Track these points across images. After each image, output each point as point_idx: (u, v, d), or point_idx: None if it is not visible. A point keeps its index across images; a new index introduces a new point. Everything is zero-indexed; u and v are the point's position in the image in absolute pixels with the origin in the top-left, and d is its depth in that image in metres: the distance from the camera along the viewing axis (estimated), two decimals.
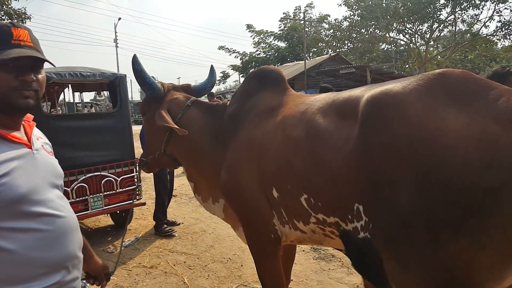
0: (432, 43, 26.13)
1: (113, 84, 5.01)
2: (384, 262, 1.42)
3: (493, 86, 1.27)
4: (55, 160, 1.33)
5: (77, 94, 7.97)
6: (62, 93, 8.01)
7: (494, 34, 23.62)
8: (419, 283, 1.33)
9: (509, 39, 23.32)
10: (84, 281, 1.52)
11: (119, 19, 43.66)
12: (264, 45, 31.81)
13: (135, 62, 2.44)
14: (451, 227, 1.21)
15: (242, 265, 3.92)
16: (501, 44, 25.54)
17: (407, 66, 27.09)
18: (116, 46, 44.36)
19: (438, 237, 1.24)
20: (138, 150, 5.09)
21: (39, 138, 1.32)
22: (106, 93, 8.44)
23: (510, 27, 22.21)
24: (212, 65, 2.96)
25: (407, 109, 1.33)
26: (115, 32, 44.55)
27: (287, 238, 2.07)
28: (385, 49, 30.19)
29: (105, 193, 4.47)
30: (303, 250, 4.22)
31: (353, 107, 1.56)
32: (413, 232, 1.28)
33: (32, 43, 1.17)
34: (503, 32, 22.86)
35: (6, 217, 1.07)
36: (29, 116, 1.30)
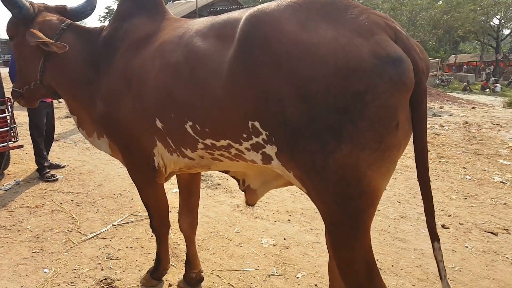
0: None
1: None
2: (291, 170, 1.51)
3: (355, 5, 1.40)
4: None
5: None
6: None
7: None
8: (321, 190, 1.44)
9: None
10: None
11: None
12: None
13: None
14: (334, 135, 1.32)
15: (132, 199, 4.12)
16: None
17: None
18: None
19: (326, 145, 1.34)
20: (9, 91, 4.72)
21: None
22: None
23: None
24: None
25: (283, 26, 1.39)
26: None
27: (176, 165, 2.05)
28: None
29: None
30: None
31: (233, 28, 1.56)
32: (307, 142, 1.37)
33: None
34: None
35: None
36: None
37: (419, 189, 1.49)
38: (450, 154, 6.24)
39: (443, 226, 3.57)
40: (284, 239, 3.31)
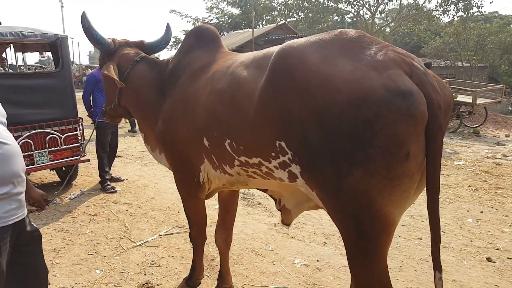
0: (378, 15, 26.95)
1: (54, 44, 5.12)
2: (314, 189, 1.63)
3: (377, 42, 1.53)
4: None
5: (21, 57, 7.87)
6: (4, 54, 7.84)
7: (435, 9, 24.69)
8: (337, 211, 1.55)
9: (447, 15, 24.64)
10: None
11: None
12: (217, 11, 31.31)
13: (83, 19, 2.58)
14: (346, 159, 1.42)
15: (179, 212, 4.43)
16: (442, 19, 26.96)
17: None
18: (62, 6, 41.70)
19: (339, 168, 1.45)
20: (82, 111, 5.35)
21: None
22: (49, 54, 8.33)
23: (448, 3, 23.43)
24: (168, 23, 3.06)
25: (307, 59, 1.55)
26: None
27: (219, 181, 2.25)
28: (337, 20, 30.61)
29: (49, 149, 4.72)
30: None
31: (268, 59, 1.74)
32: (323, 164, 1.49)
33: None
34: (442, 8, 24.07)
35: None
36: None
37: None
38: (509, 185, 5.86)
39: (488, 260, 3.41)
40: (317, 260, 3.37)
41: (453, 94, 10.71)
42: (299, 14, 26.64)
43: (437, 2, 24.30)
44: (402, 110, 1.34)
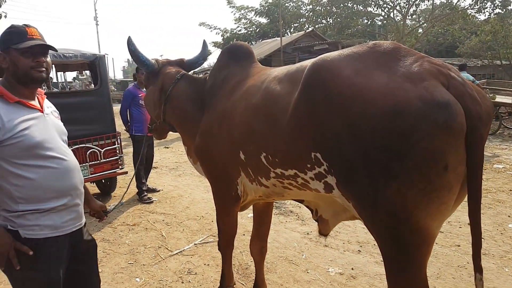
0: (410, 17, 26.35)
1: (93, 64, 5.42)
2: (350, 201, 1.63)
3: (412, 54, 1.52)
4: (60, 122, 1.87)
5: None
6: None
7: (470, 7, 23.89)
8: (375, 223, 1.54)
9: (483, 12, 23.75)
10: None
11: None
12: (245, 21, 31.68)
13: (129, 43, 2.71)
14: (382, 171, 1.40)
15: (212, 221, 4.53)
16: (477, 17, 26.02)
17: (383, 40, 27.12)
18: (97, 24, 43.58)
19: (375, 181, 1.43)
20: (118, 124, 5.60)
21: (49, 107, 1.86)
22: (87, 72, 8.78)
23: (484, 1, 22.59)
24: (204, 40, 3.15)
25: (340, 72, 1.55)
26: (95, 10, 43.65)
27: (256, 193, 2.30)
28: (367, 23, 30.17)
29: (90, 162, 4.97)
30: None
31: (301, 73, 1.77)
32: (359, 176, 1.48)
33: (40, 36, 1.71)
34: (478, 6, 23.24)
35: (28, 157, 1.62)
36: (41, 91, 1.84)
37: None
38: None
39: None
40: (352, 269, 3.35)
41: (492, 95, 10.33)
42: (328, 19, 26.54)
43: (472, 0, 23.56)
44: (438, 122, 1.32)
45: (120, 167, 5.51)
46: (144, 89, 5.75)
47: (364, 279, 3.18)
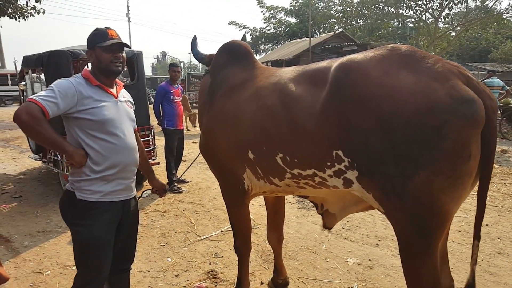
0: (442, 20, 25.79)
1: (131, 60, 5.76)
2: (371, 191, 1.74)
3: (430, 56, 1.66)
4: (131, 110, 2.23)
5: None
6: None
7: (506, 11, 23.18)
8: (398, 210, 1.65)
9: None
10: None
11: None
12: (274, 21, 31.77)
13: (193, 41, 2.93)
14: (412, 162, 1.54)
15: None
16: None
17: (414, 43, 26.71)
18: (129, 21, 44.78)
19: (404, 171, 1.56)
20: (151, 118, 5.93)
21: (125, 96, 2.20)
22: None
23: None
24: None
25: (370, 73, 1.67)
26: (127, 7, 44.89)
27: (260, 189, 2.35)
28: (399, 25, 29.68)
29: None
30: (290, 202, 5.08)
31: (325, 75, 1.85)
32: (387, 167, 1.60)
33: (117, 36, 2.07)
34: None
35: (99, 130, 1.96)
36: (121, 83, 2.19)
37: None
38: None
39: None
40: (369, 260, 3.53)
41: None
42: (358, 21, 26.33)
43: (509, 4, 22.76)
44: (467, 116, 1.49)
45: (153, 158, 5.85)
46: (176, 85, 6.11)
47: (381, 269, 3.35)
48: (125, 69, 2.92)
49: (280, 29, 31.73)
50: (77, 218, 1.99)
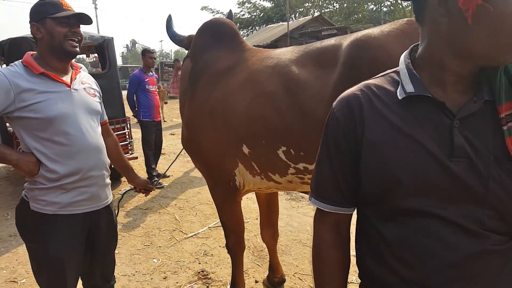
0: None
1: (101, 46, 5.38)
2: None
3: None
4: (93, 100, 1.79)
5: None
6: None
7: None
8: None
9: None
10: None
11: None
12: (249, 5, 31.17)
13: (168, 21, 2.57)
14: None
15: None
16: None
17: None
18: (95, 8, 43.23)
19: None
20: (126, 110, 5.60)
21: (84, 82, 1.79)
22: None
23: None
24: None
25: (390, 49, 1.50)
26: None
27: (255, 186, 2.13)
28: (373, 9, 29.75)
29: None
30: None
31: (334, 54, 1.66)
32: None
33: (73, 9, 1.68)
34: None
35: (47, 131, 1.58)
36: (78, 66, 1.82)
37: None
38: None
39: None
40: None
41: None
42: (334, 4, 26.20)
43: None
44: None
45: (130, 152, 5.54)
46: (151, 73, 5.76)
47: None
48: (95, 59, 2.61)
49: (255, 14, 31.24)
50: (31, 233, 1.66)
